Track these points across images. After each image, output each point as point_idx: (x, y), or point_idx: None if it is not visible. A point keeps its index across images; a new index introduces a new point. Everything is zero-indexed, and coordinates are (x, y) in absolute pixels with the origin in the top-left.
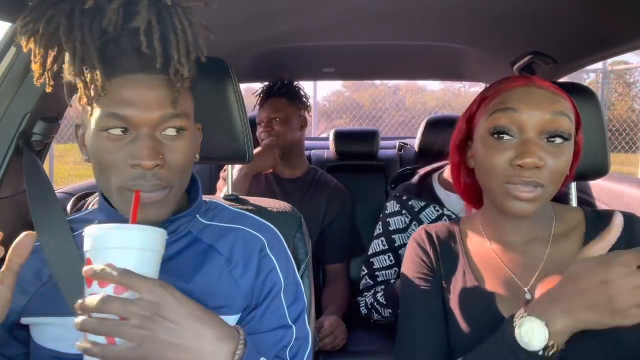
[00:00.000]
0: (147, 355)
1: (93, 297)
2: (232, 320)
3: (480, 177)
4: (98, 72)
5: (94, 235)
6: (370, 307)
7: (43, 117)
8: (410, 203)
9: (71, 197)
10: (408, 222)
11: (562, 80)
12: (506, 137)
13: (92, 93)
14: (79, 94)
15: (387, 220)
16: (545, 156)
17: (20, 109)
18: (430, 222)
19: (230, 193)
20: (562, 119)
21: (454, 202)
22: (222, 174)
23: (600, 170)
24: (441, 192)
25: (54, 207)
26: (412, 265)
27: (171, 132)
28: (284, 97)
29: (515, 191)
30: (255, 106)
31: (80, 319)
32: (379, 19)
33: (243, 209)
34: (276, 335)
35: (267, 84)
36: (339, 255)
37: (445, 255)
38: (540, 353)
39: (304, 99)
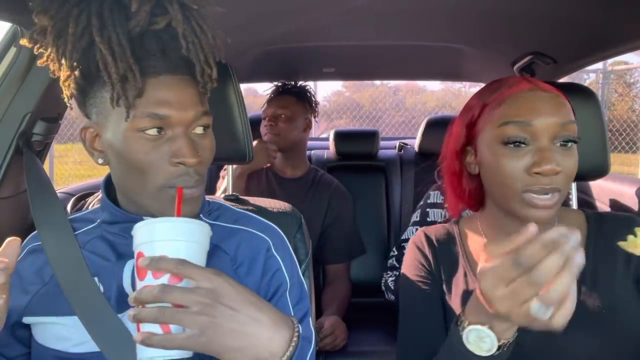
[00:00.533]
0: (208, 342)
1: (150, 287)
2: None
3: (489, 184)
4: (136, 73)
5: (143, 229)
6: (385, 286)
7: (43, 117)
8: None
9: (71, 197)
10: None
11: (562, 80)
12: (521, 144)
13: (130, 94)
14: (111, 96)
15: (427, 210)
16: (561, 160)
17: (20, 109)
18: None
19: (231, 193)
20: (571, 125)
21: None
22: (221, 174)
23: (600, 170)
24: None
25: (55, 206)
26: (411, 269)
27: (199, 130)
28: (292, 96)
29: (535, 200)
30: (264, 104)
31: (135, 310)
32: (379, 19)
33: (244, 209)
34: None
35: (277, 83)
36: (340, 256)
37: (445, 258)
38: (496, 354)
39: (312, 102)
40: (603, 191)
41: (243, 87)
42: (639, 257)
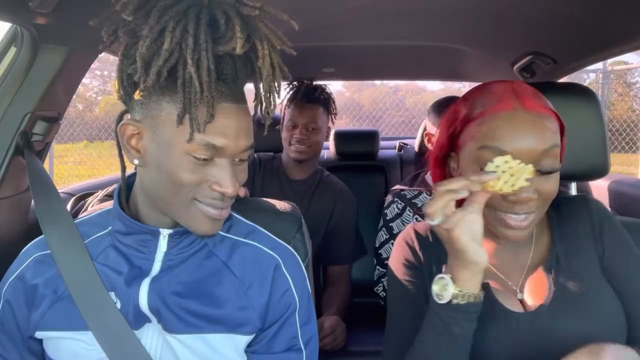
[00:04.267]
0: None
1: None
2: (245, 340)
3: None
4: (214, 103)
5: None
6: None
7: (43, 117)
8: (402, 192)
9: (71, 197)
10: (401, 208)
11: (562, 80)
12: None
13: (200, 120)
14: (180, 114)
15: (385, 212)
16: (539, 186)
17: (20, 109)
18: (422, 206)
19: None
20: (552, 152)
21: None
22: None
23: (600, 170)
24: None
25: (58, 206)
26: (398, 266)
27: (240, 160)
28: (320, 105)
29: (509, 220)
30: (287, 102)
31: None
32: (379, 19)
33: (248, 208)
34: (286, 359)
35: (302, 82)
36: (343, 257)
37: (435, 252)
38: (454, 302)
39: (334, 110)
40: (603, 191)
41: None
42: (603, 247)
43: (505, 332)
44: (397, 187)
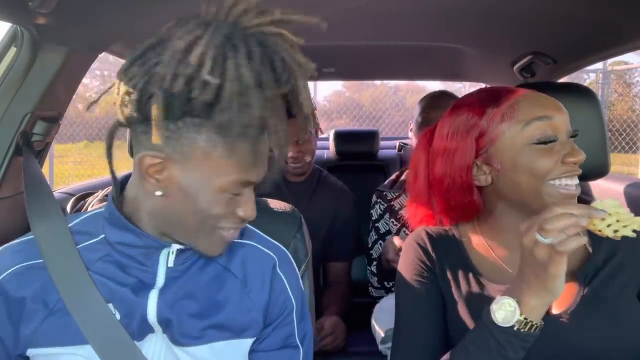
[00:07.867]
0: None
1: None
2: (250, 342)
3: (510, 185)
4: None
5: None
6: (372, 288)
7: (43, 117)
8: (384, 193)
9: (71, 197)
10: (383, 209)
11: (562, 80)
12: (551, 143)
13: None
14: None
15: (371, 211)
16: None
17: (20, 109)
18: (399, 209)
19: None
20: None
21: None
22: None
23: (600, 170)
24: None
25: (52, 210)
26: (410, 268)
27: None
28: (292, 116)
29: (562, 185)
30: None
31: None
32: (379, 19)
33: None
34: (284, 356)
35: None
36: (343, 255)
37: (448, 256)
38: (515, 328)
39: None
40: (603, 191)
41: None
42: None
43: None
44: (380, 186)
